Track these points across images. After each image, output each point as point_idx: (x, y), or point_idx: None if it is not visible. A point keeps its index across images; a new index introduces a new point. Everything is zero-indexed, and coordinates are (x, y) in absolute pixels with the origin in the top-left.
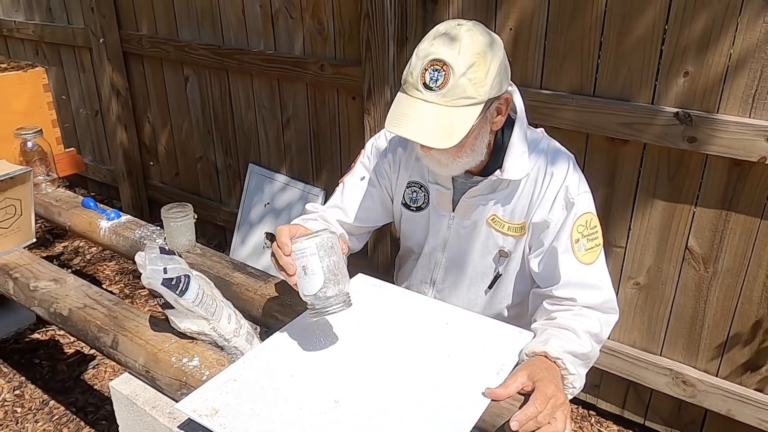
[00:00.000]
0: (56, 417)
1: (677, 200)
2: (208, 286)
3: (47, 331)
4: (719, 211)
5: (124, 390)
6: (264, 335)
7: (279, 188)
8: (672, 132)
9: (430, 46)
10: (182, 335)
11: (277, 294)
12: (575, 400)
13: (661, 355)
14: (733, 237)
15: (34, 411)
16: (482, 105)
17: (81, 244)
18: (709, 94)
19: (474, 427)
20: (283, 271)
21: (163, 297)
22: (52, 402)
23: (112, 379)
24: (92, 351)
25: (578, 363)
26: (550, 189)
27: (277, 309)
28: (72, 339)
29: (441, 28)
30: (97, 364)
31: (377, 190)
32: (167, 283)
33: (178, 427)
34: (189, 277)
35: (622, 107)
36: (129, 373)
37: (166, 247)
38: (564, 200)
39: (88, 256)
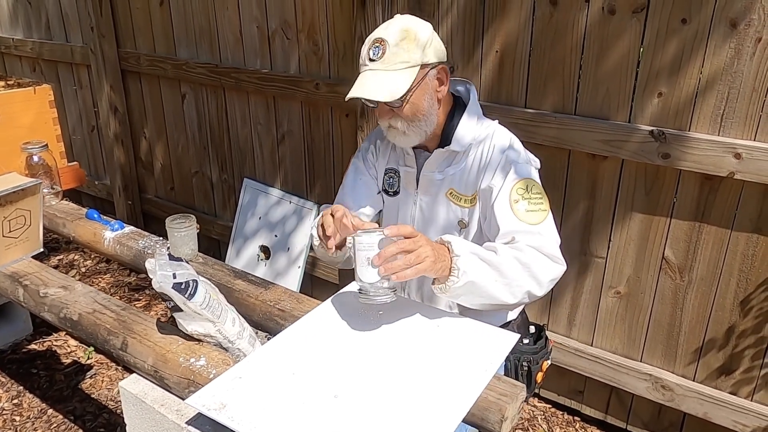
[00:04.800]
0: (54, 425)
1: (654, 213)
2: (213, 291)
3: (44, 341)
4: (693, 223)
5: (134, 389)
6: (265, 339)
7: (273, 202)
8: (647, 149)
9: (371, 35)
10: (188, 337)
11: (276, 300)
12: (560, 407)
13: (641, 361)
14: (706, 247)
15: (33, 419)
16: (417, 67)
17: (76, 257)
18: (681, 114)
19: (463, 420)
20: (329, 240)
21: (172, 300)
22: (51, 410)
23: (109, 389)
24: (89, 361)
25: (474, 257)
26: (492, 158)
27: (278, 314)
28: (69, 349)
29: (381, 24)
30: (94, 374)
31: (370, 180)
32: (177, 287)
33: (186, 422)
34: (197, 281)
35: (601, 125)
36: (137, 374)
37: (174, 255)
38: (503, 167)
39: (83, 269)
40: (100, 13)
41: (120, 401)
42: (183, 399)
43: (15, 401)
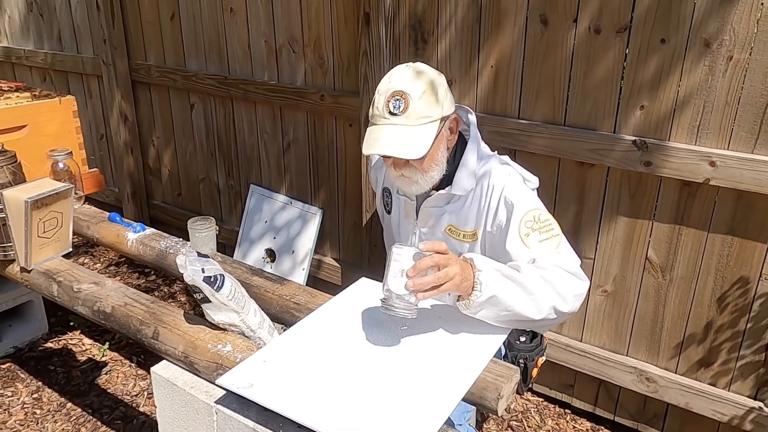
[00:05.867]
0: (74, 417)
1: (637, 216)
2: (237, 284)
3: (60, 340)
4: (673, 226)
5: (165, 374)
6: (281, 329)
7: (279, 207)
8: (631, 157)
9: (388, 84)
10: (214, 327)
11: (292, 294)
12: (552, 400)
13: (627, 355)
14: (685, 248)
15: (53, 412)
16: (438, 122)
17: (86, 261)
18: (662, 125)
19: (464, 399)
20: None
21: (202, 292)
22: (69, 404)
23: (124, 384)
24: (104, 358)
25: (497, 272)
26: (492, 199)
27: (293, 307)
28: (84, 347)
29: (394, 70)
30: (109, 370)
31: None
32: (207, 280)
33: (215, 401)
34: (224, 276)
35: (589, 135)
36: (167, 360)
37: (201, 252)
38: (504, 204)
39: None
40: (113, 27)
41: (135, 395)
42: (212, 382)
43: (35, 396)
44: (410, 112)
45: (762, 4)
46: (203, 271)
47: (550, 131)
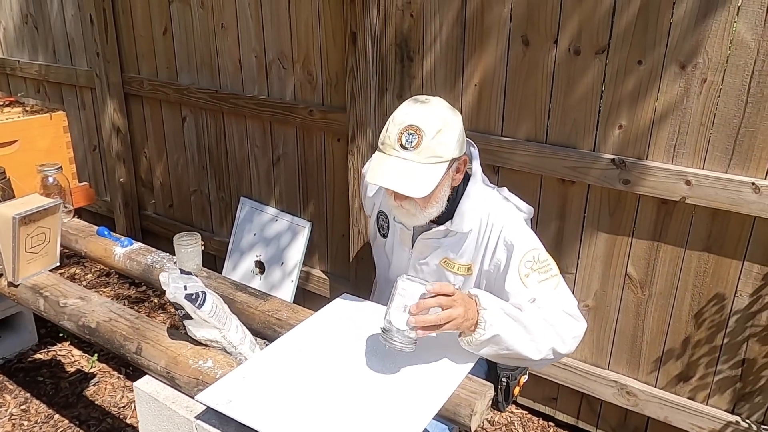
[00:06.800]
0: (61, 429)
1: (617, 233)
2: (219, 301)
3: (49, 351)
4: (651, 242)
5: (147, 389)
6: (263, 345)
7: (268, 219)
8: (610, 175)
9: (404, 115)
10: (196, 343)
11: (274, 310)
12: (536, 413)
13: (608, 369)
14: (663, 264)
15: (40, 424)
16: (447, 163)
17: (78, 271)
18: (639, 144)
19: (437, 415)
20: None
21: (184, 309)
22: (57, 416)
23: (112, 396)
24: (92, 370)
25: (501, 311)
26: (491, 238)
27: (275, 323)
28: (73, 359)
29: (412, 103)
30: (98, 382)
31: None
32: (188, 297)
33: (195, 417)
34: (205, 293)
35: (569, 153)
36: (149, 375)
37: (184, 269)
38: (504, 244)
39: (84, 283)
40: (106, 40)
41: (123, 407)
42: (192, 397)
43: (23, 407)
44: (422, 149)
45: (734, 29)
46: (185, 288)
47: (532, 149)
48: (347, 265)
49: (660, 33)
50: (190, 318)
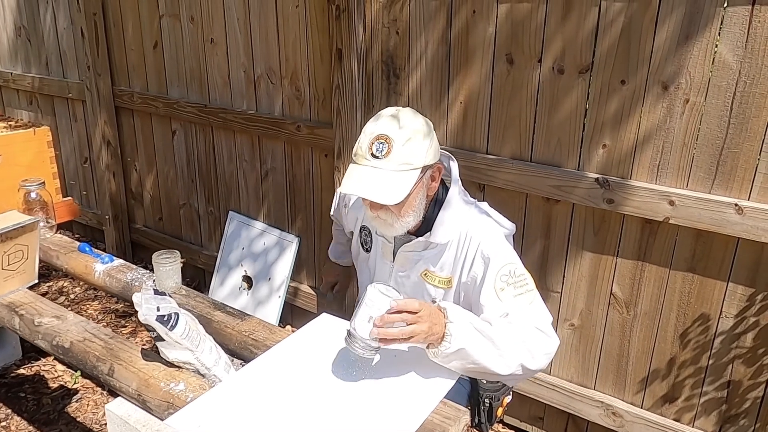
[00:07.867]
0: None
1: (602, 252)
2: (193, 322)
3: (32, 366)
4: (636, 262)
5: (119, 411)
6: (239, 365)
7: (256, 234)
8: (594, 194)
9: (375, 126)
10: (170, 364)
11: (251, 330)
12: None
13: (594, 389)
14: (648, 284)
15: None
16: (419, 170)
17: (65, 285)
18: (623, 163)
19: None
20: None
21: (156, 331)
22: None
23: (94, 413)
24: (75, 385)
25: (469, 325)
26: (469, 250)
27: (251, 343)
28: (56, 374)
29: (383, 112)
30: (80, 398)
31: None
32: (160, 319)
33: None
34: (178, 314)
35: (554, 172)
36: (122, 397)
37: (158, 289)
38: (481, 257)
39: (72, 296)
40: (97, 54)
41: (104, 424)
42: (162, 420)
43: (3, 424)
44: (392, 157)
45: (715, 50)
46: (158, 310)
47: (517, 167)
48: None
49: (643, 53)
50: (162, 340)
